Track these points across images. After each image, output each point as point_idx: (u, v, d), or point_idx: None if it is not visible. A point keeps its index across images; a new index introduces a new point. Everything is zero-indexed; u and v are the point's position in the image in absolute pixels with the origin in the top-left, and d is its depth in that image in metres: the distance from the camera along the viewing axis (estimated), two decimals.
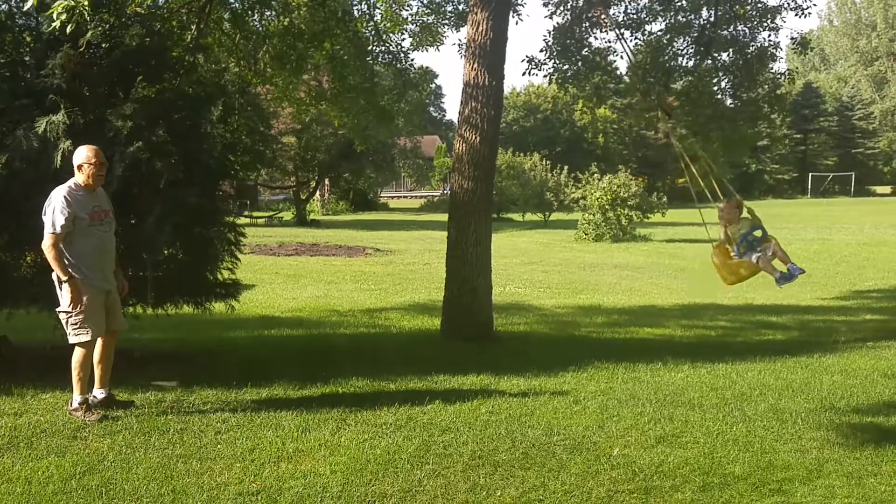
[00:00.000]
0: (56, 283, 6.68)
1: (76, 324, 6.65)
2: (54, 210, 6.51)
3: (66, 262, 6.56)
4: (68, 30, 6.95)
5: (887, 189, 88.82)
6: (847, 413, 7.37)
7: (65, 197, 6.55)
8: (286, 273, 22.36)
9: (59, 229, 6.48)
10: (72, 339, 6.73)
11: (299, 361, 9.54)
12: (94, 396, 6.94)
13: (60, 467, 5.44)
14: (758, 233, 7.29)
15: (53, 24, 6.97)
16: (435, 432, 6.40)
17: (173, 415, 6.77)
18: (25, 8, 7.87)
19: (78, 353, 6.71)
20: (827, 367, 9.74)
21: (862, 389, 8.43)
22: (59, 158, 7.28)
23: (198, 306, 9.17)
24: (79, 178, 6.73)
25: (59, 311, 6.73)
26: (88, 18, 7.04)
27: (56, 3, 6.82)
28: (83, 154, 6.74)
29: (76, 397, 6.70)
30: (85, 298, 6.61)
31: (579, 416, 7.03)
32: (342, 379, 8.26)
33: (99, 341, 6.91)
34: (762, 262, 7.20)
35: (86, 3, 6.82)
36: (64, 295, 6.62)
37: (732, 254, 7.10)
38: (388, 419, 6.77)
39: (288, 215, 50.29)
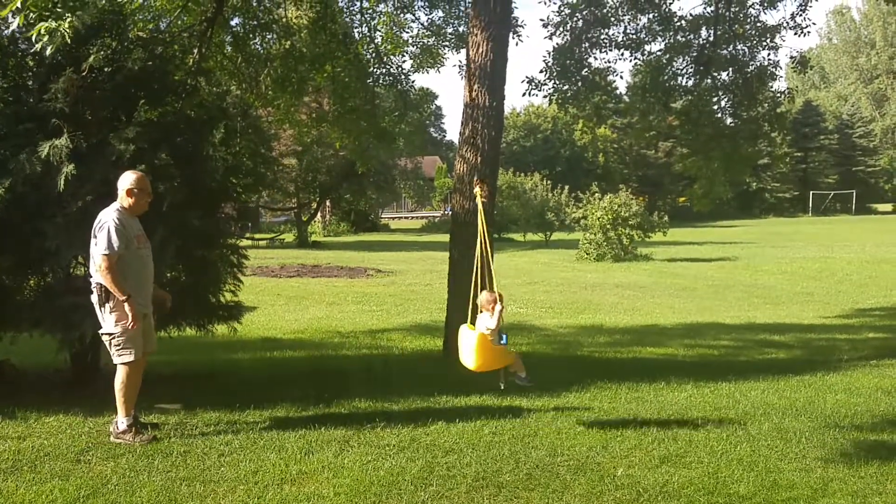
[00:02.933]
0: (97, 306, 6.71)
1: (119, 345, 6.69)
2: (109, 232, 6.52)
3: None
4: (48, 52, 7.00)
5: (889, 207, 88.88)
6: (851, 431, 7.35)
7: (117, 219, 6.59)
8: (288, 295, 22.37)
9: (115, 250, 6.51)
10: (116, 360, 6.77)
11: (302, 383, 9.52)
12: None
13: (64, 491, 5.43)
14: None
15: (36, 46, 7.03)
16: (438, 454, 6.39)
17: (176, 437, 6.77)
18: (12, 27, 7.91)
19: (121, 375, 6.73)
20: (830, 385, 9.72)
21: (865, 408, 8.41)
22: (62, 182, 7.32)
23: (200, 328, 9.19)
24: (125, 202, 6.78)
25: (103, 333, 6.77)
26: (69, 41, 7.10)
27: (38, 25, 6.87)
28: (133, 179, 6.80)
29: (122, 420, 6.70)
30: (129, 322, 6.65)
31: (583, 436, 7.02)
32: (345, 400, 8.25)
33: None
34: (515, 358, 7.25)
35: (66, 25, 6.87)
36: (107, 317, 6.66)
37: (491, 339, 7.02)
38: (391, 440, 6.76)
39: (289, 237, 50.34)
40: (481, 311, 7.17)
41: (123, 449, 6.38)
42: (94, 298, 6.71)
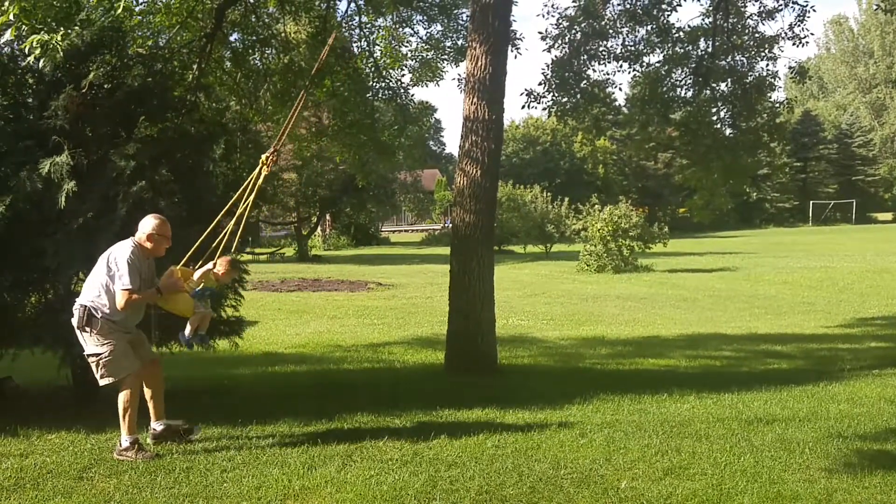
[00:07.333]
0: (78, 329, 6.72)
1: (105, 365, 6.71)
2: (128, 268, 6.59)
3: (103, 309, 6.65)
4: (41, 65, 7.04)
5: (889, 216, 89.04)
6: (854, 441, 7.33)
7: (133, 258, 6.65)
8: (289, 309, 22.36)
9: (135, 287, 6.61)
10: (102, 382, 6.78)
11: (304, 398, 9.51)
12: (154, 429, 7.06)
13: None
14: (209, 295, 7.23)
15: (29, 58, 7.06)
16: (441, 467, 6.37)
17: (179, 454, 6.75)
18: (3, 40, 7.94)
19: (122, 395, 6.74)
20: (833, 395, 9.70)
21: (868, 417, 8.39)
22: (62, 199, 7.33)
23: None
24: (144, 243, 6.82)
25: (88, 355, 6.78)
26: (62, 54, 7.13)
27: (31, 37, 6.89)
28: (155, 225, 6.85)
29: (125, 438, 6.70)
30: (114, 341, 6.69)
31: (586, 448, 7.00)
32: (347, 415, 8.24)
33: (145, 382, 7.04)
34: (197, 313, 7.11)
35: (59, 37, 6.90)
36: (88, 339, 6.69)
37: (188, 288, 6.98)
38: (394, 455, 6.74)
39: (290, 251, 50.41)
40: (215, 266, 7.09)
41: (126, 466, 6.36)
42: (75, 321, 6.73)
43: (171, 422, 7.22)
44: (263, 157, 7.31)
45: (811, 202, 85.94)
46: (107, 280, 6.65)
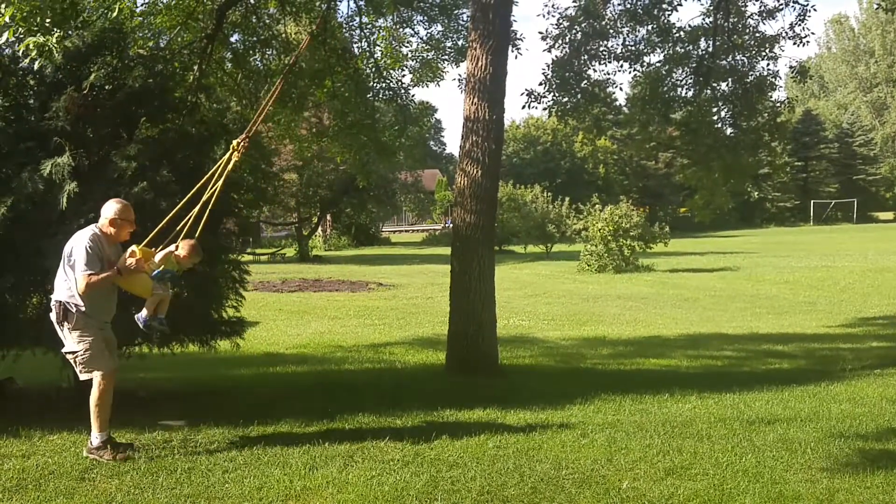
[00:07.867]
0: (56, 325, 6.70)
1: (84, 361, 6.68)
2: (86, 254, 6.54)
3: (75, 301, 6.60)
4: (36, 66, 7.03)
5: (890, 215, 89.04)
6: (856, 441, 7.32)
7: (92, 244, 6.59)
8: (290, 309, 22.37)
9: (93, 269, 6.54)
10: (83, 377, 6.75)
11: (305, 398, 9.52)
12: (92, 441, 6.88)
13: None
14: (170, 278, 7.15)
15: (24, 61, 7.06)
16: (443, 468, 6.36)
17: (180, 454, 6.74)
18: (0, 41, 7.93)
19: (95, 390, 6.69)
20: (834, 395, 9.70)
21: (870, 417, 8.39)
22: (64, 200, 7.33)
23: (203, 345, 9.16)
24: (107, 229, 6.77)
25: (66, 353, 6.75)
26: (58, 56, 7.13)
27: (27, 40, 6.89)
28: (117, 209, 6.79)
29: (96, 436, 6.66)
30: (90, 338, 6.65)
31: (587, 449, 6.99)
32: (348, 415, 8.23)
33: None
34: (155, 295, 7.03)
35: (54, 40, 6.91)
36: (67, 335, 6.67)
37: (148, 269, 6.92)
38: (395, 455, 6.74)
39: (290, 251, 50.42)
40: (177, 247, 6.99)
41: (128, 466, 6.35)
42: (53, 317, 6.72)
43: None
44: (235, 142, 7.26)
45: (812, 201, 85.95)
46: (70, 271, 6.65)
